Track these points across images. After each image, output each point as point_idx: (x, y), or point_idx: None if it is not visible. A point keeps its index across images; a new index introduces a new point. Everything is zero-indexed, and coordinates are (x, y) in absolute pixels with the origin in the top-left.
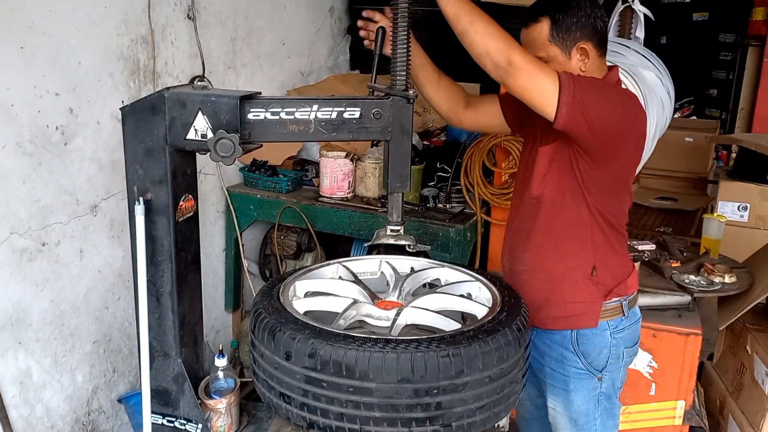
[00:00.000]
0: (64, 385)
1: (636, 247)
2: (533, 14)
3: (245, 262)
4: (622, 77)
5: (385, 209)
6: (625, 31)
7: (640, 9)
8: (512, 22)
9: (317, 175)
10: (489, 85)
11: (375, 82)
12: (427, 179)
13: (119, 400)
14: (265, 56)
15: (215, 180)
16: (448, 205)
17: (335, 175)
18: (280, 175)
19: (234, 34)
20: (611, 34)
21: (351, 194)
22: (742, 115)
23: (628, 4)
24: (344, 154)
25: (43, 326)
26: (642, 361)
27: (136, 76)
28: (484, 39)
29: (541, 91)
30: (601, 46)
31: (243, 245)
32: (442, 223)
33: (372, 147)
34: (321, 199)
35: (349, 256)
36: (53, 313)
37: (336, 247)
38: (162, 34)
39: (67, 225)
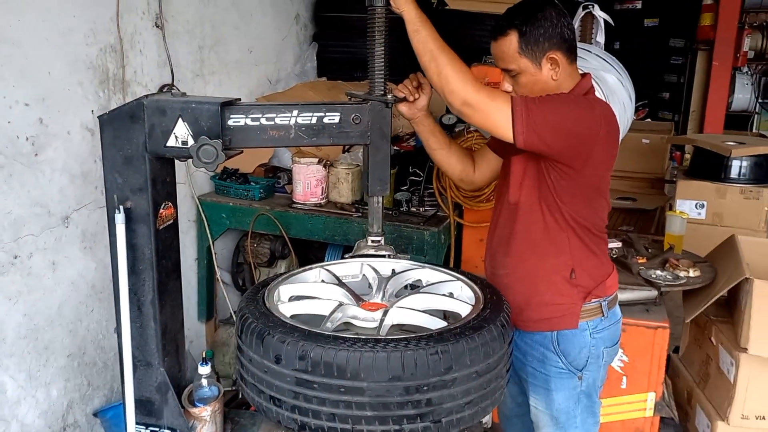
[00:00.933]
0: (38, 400)
1: None
2: (501, 28)
3: (218, 271)
4: None
5: (360, 214)
6: (586, 37)
7: (601, 15)
8: (477, 29)
9: (290, 182)
10: None
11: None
12: (400, 183)
13: (95, 414)
14: (233, 64)
15: (186, 189)
16: (421, 209)
17: (308, 182)
18: (252, 183)
19: (202, 43)
20: None
21: (324, 200)
22: (693, 116)
23: (588, 10)
24: (317, 160)
25: (17, 340)
26: None
27: (105, 85)
28: (440, 80)
29: (496, 124)
30: (571, 54)
31: (215, 254)
32: (416, 226)
33: (344, 153)
34: (294, 205)
35: (323, 261)
36: (27, 326)
37: (309, 254)
38: (131, 43)
39: (39, 237)
